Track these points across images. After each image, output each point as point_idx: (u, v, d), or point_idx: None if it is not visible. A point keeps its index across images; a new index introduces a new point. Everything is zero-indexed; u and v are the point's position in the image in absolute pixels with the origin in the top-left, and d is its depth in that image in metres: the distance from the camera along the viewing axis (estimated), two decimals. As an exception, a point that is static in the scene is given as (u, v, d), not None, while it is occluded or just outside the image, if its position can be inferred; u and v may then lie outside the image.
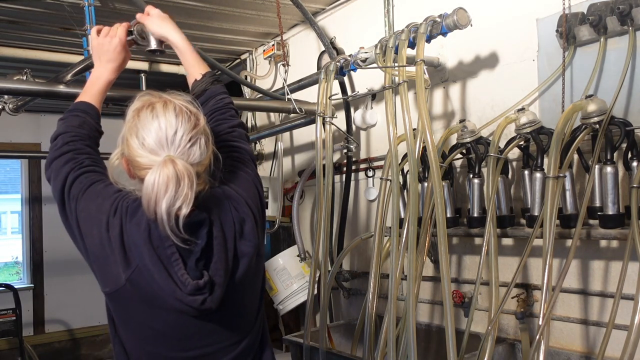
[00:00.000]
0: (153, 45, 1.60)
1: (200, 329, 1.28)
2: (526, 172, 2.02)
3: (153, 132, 1.21)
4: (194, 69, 1.55)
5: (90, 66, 2.25)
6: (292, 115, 3.06)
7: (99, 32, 1.55)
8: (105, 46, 1.52)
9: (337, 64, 2.40)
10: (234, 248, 1.28)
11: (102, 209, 1.25)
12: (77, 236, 1.28)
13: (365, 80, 2.91)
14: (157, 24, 1.56)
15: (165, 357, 1.30)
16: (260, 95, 3.14)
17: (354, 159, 3.01)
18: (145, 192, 1.16)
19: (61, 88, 2.35)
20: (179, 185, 1.15)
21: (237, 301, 1.31)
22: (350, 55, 2.37)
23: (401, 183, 2.36)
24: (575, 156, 1.88)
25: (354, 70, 2.36)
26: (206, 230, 1.23)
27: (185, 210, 1.16)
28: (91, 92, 1.50)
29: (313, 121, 2.74)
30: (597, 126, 1.76)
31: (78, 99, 1.49)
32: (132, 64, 3.76)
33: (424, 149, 2.02)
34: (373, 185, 2.90)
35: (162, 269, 1.19)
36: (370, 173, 2.91)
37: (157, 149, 1.20)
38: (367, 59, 2.26)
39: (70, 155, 1.34)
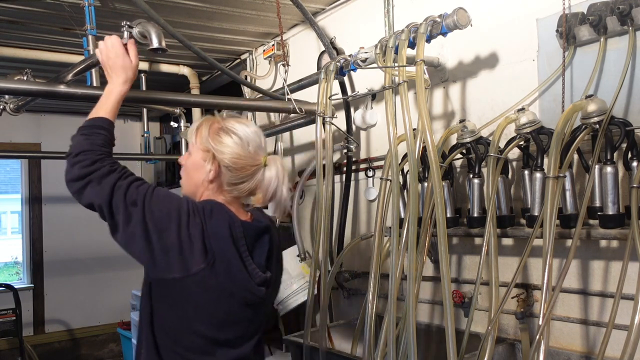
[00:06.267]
0: (155, 44, 1.60)
1: (247, 316, 1.49)
2: (526, 172, 2.02)
3: (253, 136, 1.49)
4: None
5: (91, 65, 2.25)
6: (292, 115, 3.05)
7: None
8: (119, 62, 1.56)
9: (337, 64, 2.40)
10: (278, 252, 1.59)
11: (179, 208, 1.40)
12: (142, 233, 1.36)
13: (365, 80, 2.91)
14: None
15: (209, 337, 1.45)
16: (260, 95, 3.14)
17: (354, 159, 3.00)
18: (267, 182, 1.47)
19: (62, 88, 2.34)
20: (286, 177, 1.51)
21: (272, 298, 1.61)
22: (350, 55, 2.37)
23: (401, 183, 2.36)
24: (575, 156, 1.89)
25: (354, 70, 2.36)
26: (269, 235, 1.52)
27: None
28: (106, 107, 1.54)
29: (313, 121, 2.73)
30: (597, 126, 1.76)
31: (95, 114, 1.52)
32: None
33: (424, 149, 2.02)
34: (373, 185, 2.90)
35: (239, 262, 1.42)
36: (370, 173, 2.91)
37: (259, 151, 1.49)
38: (367, 59, 2.26)
39: (108, 168, 1.42)
